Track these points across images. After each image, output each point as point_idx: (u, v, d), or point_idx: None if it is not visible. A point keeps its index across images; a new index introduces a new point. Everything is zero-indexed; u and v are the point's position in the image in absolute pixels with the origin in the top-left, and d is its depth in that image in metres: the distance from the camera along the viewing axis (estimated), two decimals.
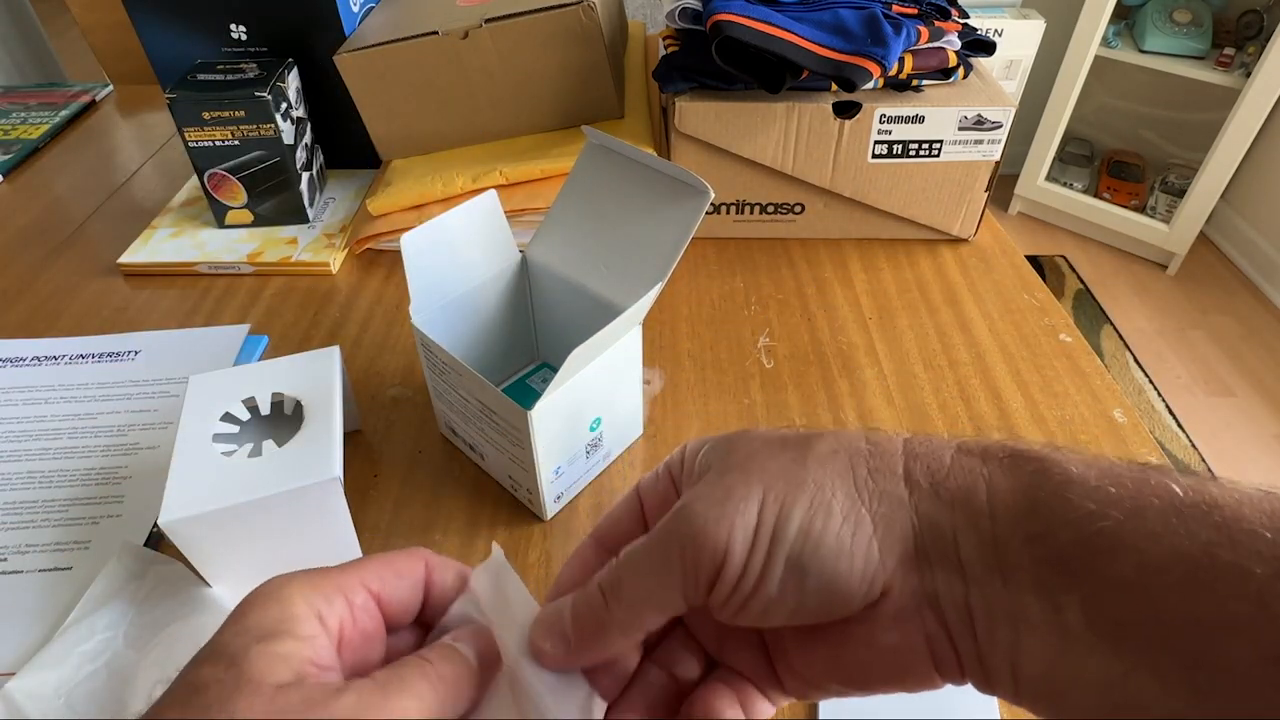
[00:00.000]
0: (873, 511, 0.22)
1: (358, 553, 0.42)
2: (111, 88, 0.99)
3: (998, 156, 0.64)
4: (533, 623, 0.25)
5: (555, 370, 0.45)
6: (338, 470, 0.37)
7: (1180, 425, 1.70)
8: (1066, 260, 2.17)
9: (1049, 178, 2.23)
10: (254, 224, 0.69)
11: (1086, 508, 0.20)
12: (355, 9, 0.71)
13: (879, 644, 0.22)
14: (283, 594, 0.22)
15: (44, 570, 0.43)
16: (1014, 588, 0.20)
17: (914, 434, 0.24)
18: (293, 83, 0.67)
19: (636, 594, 0.23)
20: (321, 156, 0.74)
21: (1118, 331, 1.94)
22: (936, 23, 0.63)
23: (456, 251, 0.46)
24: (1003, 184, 2.27)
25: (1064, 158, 2.28)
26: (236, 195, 0.67)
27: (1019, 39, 2.05)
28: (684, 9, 0.64)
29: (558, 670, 0.24)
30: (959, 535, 0.21)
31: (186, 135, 0.63)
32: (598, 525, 0.28)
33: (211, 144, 0.64)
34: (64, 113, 0.92)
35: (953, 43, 0.63)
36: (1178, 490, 0.19)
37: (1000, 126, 0.62)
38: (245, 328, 0.58)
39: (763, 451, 0.24)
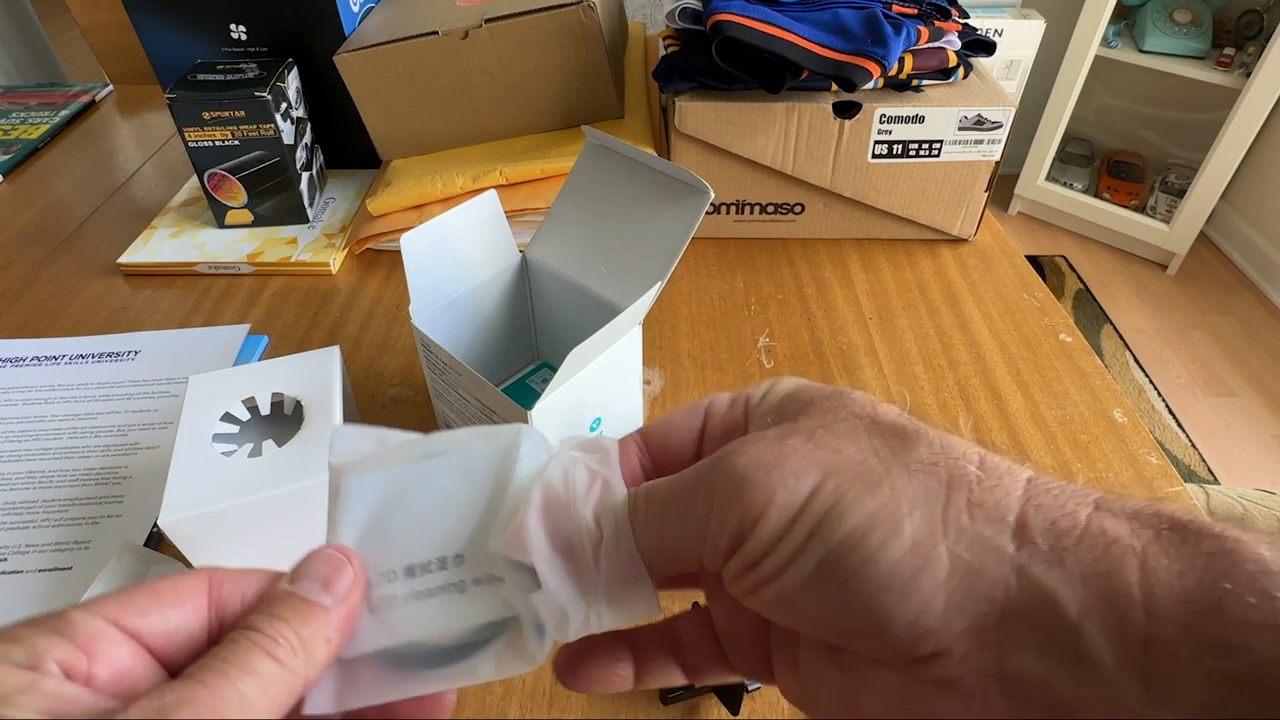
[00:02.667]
0: (953, 553, 0.17)
1: None
2: (111, 88, 0.99)
3: (998, 156, 0.64)
4: (544, 503, 0.22)
5: (555, 370, 0.45)
6: None
7: (1180, 425, 1.70)
8: (1066, 260, 2.17)
9: (1049, 178, 2.23)
10: (254, 224, 0.69)
11: None
12: (355, 9, 0.71)
13: (914, 708, 0.18)
14: (27, 641, 0.17)
15: (44, 570, 0.43)
16: (1167, 706, 0.15)
17: (1040, 474, 0.19)
18: (293, 83, 0.67)
19: (653, 531, 0.21)
20: (321, 156, 0.74)
21: (1118, 331, 1.94)
22: (936, 23, 0.63)
23: (456, 251, 0.46)
24: (1003, 184, 2.27)
25: (1064, 158, 2.28)
26: (236, 195, 0.67)
27: (1019, 39, 2.05)
28: (684, 9, 0.64)
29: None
30: (1087, 622, 0.16)
31: (186, 135, 0.63)
32: (652, 424, 0.24)
33: (211, 144, 0.64)
34: (64, 113, 0.92)
35: (953, 43, 0.63)
36: None
37: (1000, 126, 0.62)
38: (245, 328, 0.58)
39: (846, 426, 0.20)
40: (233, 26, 0.67)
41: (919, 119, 0.62)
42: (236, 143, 0.64)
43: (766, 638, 0.23)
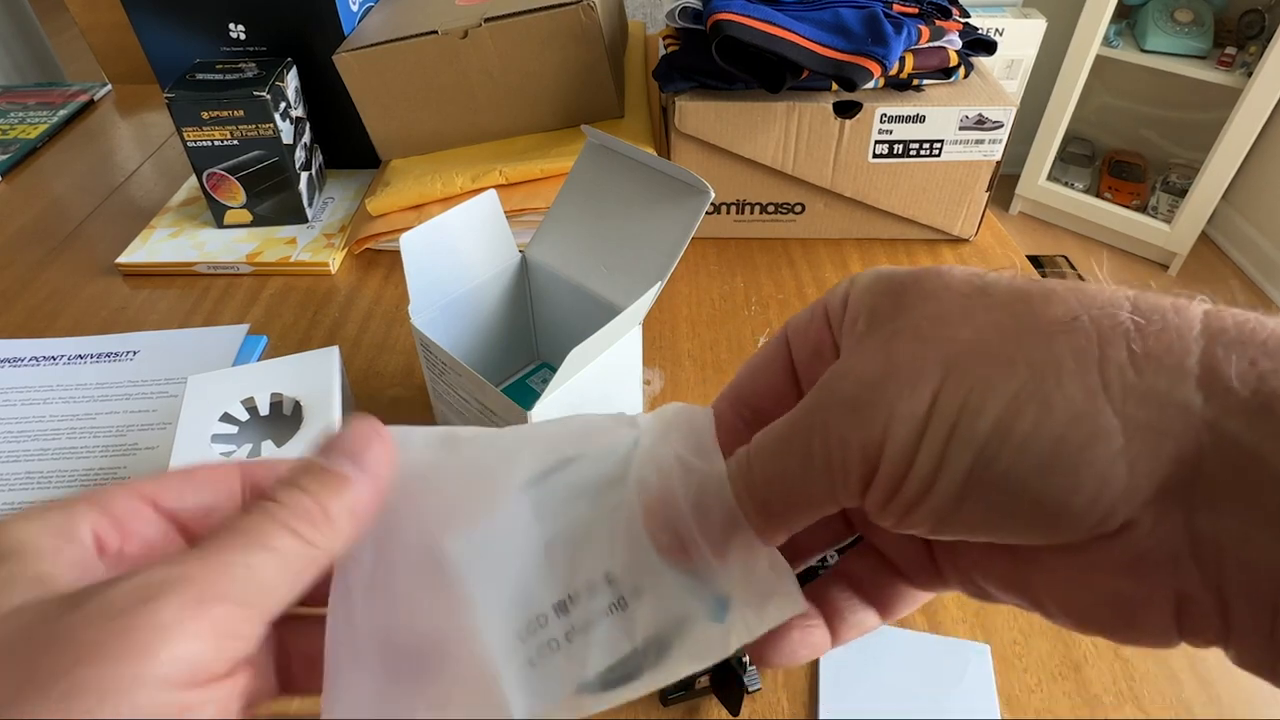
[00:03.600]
0: (1125, 415, 0.15)
1: None
2: (110, 87, 0.99)
3: (999, 156, 0.64)
4: (644, 508, 0.20)
5: (555, 370, 0.45)
6: None
7: None
8: (1068, 260, 2.17)
9: (1050, 177, 2.23)
10: (253, 224, 0.69)
11: None
12: (354, 8, 0.71)
13: (1100, 586, 0.16)
14: None
15: None
16: None
17: (1217, 303, 0.16)
18: (292, 82, 0.67)
19: (774, 490, 0.19)
20: (320, 156, 0.74)
21: None
22: (937, 22, 0.63)
23: (456, 251, 0.46)
24: (1004, 184, 2.27)
25: (1065, 157, 2.28)
26: (235, 195, 0.67)
27: (1020, 38, 2.04)
28: (684, 8, 0.64)
29: (671, 556, 0.20)
30: None
31: (185, 135, 0.63)
32: (735, 380, 0.22)
33: (210, 144, 0.64)
34: (62, 112, 0.91)
35: (954, 42, 0.63)
36: None
37: (1001, 126, 0.62)
38: (244, 328, 0.58)
39: (955, 308, 0.17)
40: (232, 26, 0.67)
41: (920, 119, 0.61)
42: (235, 142, 0.64)
43: (934, 553, 0.21)
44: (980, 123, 0.62)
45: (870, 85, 0.59)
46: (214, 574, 0.15)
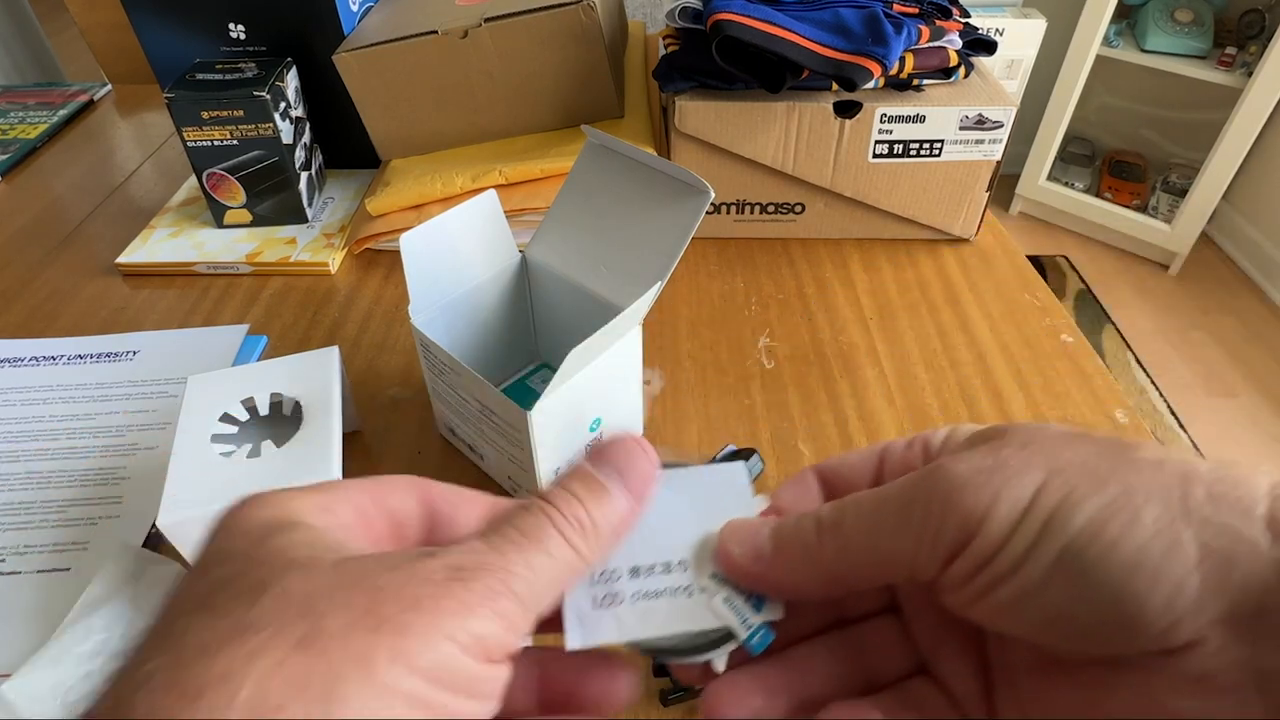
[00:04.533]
0: (1200, 540, 0.16)
1: None
2: (110, 87, 0.99)
3: (999, 156, 0.63)
4: (725, 526, 0.22)
5: (555, 370, 0.45)
6: (337, 471, 0.37)
7: (1182, 426, 1.69)
8: (1068, 260, 2.17)
9: (1050, 177, 2.22)
10: (253, 224, 0.69)
11: None
12: (354, 8, 0.71)
13: (1163, 705, 0.17)
14: (265, 499, 0.18)
15: (42, 571, 0.43)
16: None
17: None
18: (291, 82, 0.67)
19: (857, 541, 0.20)
20: (320, 156, 0.74)
21: (1119, 332, 1.94)
22: (938, 22, 0.63)
23: (456, 251, 0.46)
24: (1004, 184, 2.27)
25: (1065, 157, 2.28)
26: (235, 195, 0.67)
27: (1020, 38, 2.04)
28: (684, 8, 0.64)
29: (734, 574, 0.22)
30: None
31: (185, 135, 0.63)
32: (826, 461, 0.24)
33: (210, 144, 0.64)
34: (62, 112, 0.91)
35: (954, 42, 0.63)
36: None
37: (1001, 126, 0.62)
38: (244, 328, 0.58)
39: (1057, 438, 0.19)
40: (231, 26, 0.67)
41: (920, 118, 0.61)
42: (235, 142, 0.64)
43: (977, 656, 0.22)
44: (980, 123, 0.62)
45: (870, 85, 0.59)
46: (506, 569, 0.17)
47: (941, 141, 0.63)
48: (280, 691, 0.14)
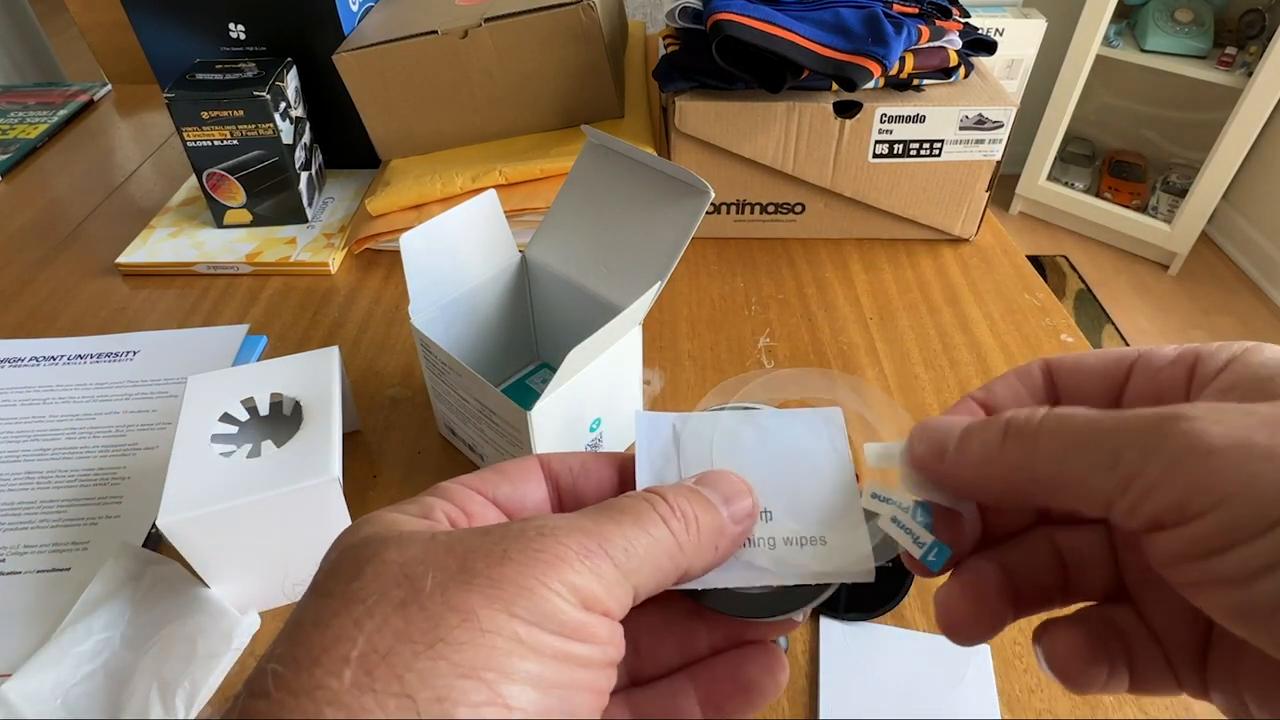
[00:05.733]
0: None
1: None
2: (110, 87, 0.99)
3: (999, 156, 0.63)
4: (918, 424, 0.21)
5: (555, 370, 0.45)
6: (337, 471, 0.37)
7: None
8: (1068, 260, 2.17)
9: (1050, 177, 2.22)
10: (253, 224, 0.69)
11: None
12: (354, 8, 0.71)
13: None
14: (368, 516, 0.19)
15: (42, 571, 0.43)
16: None
17: None
18: (291, 82, 0.67)
19: (1046, 459, 0.17)
20: (320, 156, 0.74)
21: (1119, 332, 1.94)
22: (937, 22, 0.63)
23: (456, 251, 0.46)
24: (1004, 184, 2.27)
25: (1065, 157, 2.28)
26: (235, 195, 0.67)
27: (1020, 38, 2.04)
28: (684, 8, 0.64)
29: (913, 479, 0.21)
30: None
31: (185, 135, 0.63)
32: (1060, 358, 0.22)
33: (210, 144, 0.64)
34: (62, 112, 0.91)
35: (954, 42, 0.63)
36: None
37: (1001, 126, 0.62)
38: (244, 328, 0.58)
39: None
40: (231, 26, 0.67)
41: (920, 118, 0.61)
42: (235, 142, 0.64)
43: (1196, 631, 0.19)
44: (980, 122, 0.62)
45: (870, 85, 0.59)
46: (602, 533, 0.18)
47: (941, 141, 0.63)
48: (387, 644, 0.15)
